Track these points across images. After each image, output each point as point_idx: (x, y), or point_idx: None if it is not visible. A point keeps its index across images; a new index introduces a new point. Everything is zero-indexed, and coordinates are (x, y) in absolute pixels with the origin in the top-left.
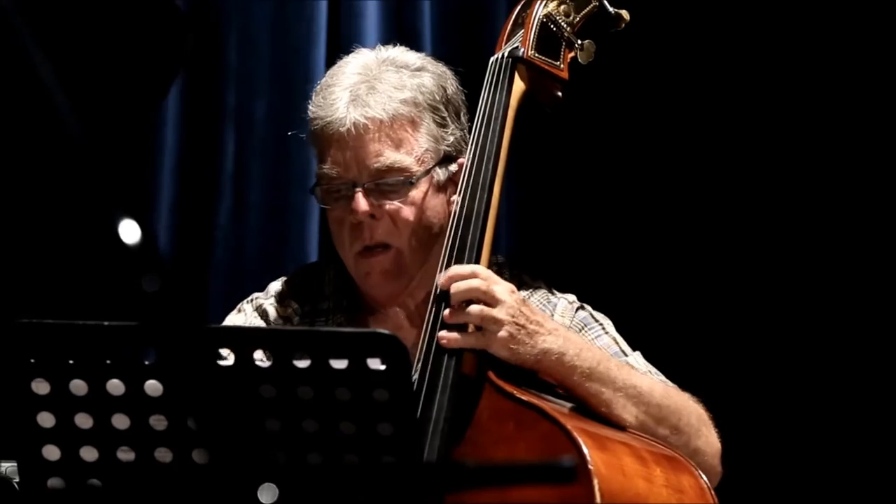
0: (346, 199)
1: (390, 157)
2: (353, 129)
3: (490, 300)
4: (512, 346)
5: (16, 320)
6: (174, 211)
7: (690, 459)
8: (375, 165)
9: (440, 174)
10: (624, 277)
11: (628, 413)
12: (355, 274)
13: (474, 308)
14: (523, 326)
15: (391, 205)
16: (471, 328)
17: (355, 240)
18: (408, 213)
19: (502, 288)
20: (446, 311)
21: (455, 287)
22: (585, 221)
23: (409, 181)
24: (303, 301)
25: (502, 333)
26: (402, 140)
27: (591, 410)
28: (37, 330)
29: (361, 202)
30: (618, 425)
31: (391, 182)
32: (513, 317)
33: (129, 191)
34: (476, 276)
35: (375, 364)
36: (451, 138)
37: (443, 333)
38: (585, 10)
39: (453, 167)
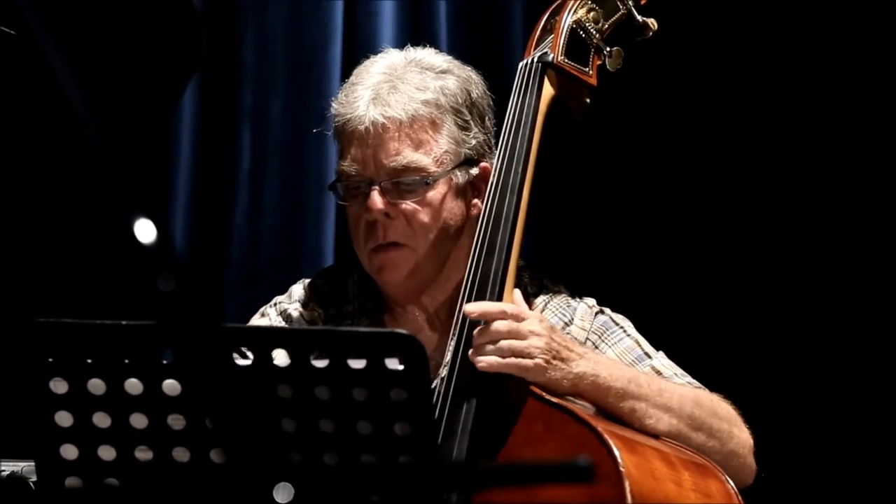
0: (364, 197)
1: (408, 156)
2: (371, 127)
3: (517, 335)
4: (548, 374)
5: (34, 320)
6: (190, 210)
7: (727, 462)
8: (392, 164)
9: (460, 177)
10: (646, 279)
11: (663, 424)
12: (369, 269)
13: (504, 343)
14: (557, 353)
15: (407, 204)
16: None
17: (369, 237)
18: (423, 213)
19: (531, 321)
20: (471, 353)
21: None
22: (607, 224)
23: (426, 181)
24: (327, 305)
25: (538, 361)
26: (421, 141)
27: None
28: (55, 329)
29: (377, 200)
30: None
31: (408, 181)
32: (546, 345)
33: (145, 190)
34: (504, 315)
35: (393, 364)
36: (474, 142)
37: (480, 357)
38: (614, 18)
39: (475, 171)
